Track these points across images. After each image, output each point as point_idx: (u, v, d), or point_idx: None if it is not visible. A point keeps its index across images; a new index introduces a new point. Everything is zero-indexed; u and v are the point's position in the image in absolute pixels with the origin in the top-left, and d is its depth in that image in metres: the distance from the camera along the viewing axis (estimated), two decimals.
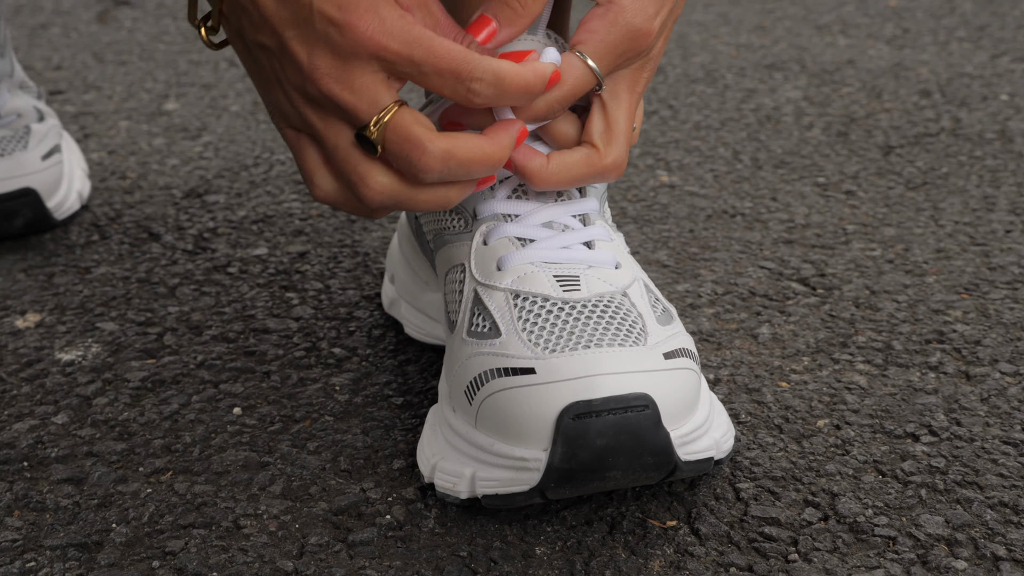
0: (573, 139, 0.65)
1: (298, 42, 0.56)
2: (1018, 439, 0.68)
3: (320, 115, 0.58)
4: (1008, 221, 1.00)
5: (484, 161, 0.59)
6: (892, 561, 0.58)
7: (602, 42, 0.61)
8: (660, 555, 0.59)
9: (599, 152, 0.63)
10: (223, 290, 0.88)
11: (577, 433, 0.56)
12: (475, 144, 0.59)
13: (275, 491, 0.64)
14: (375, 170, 0.58)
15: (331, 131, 0.58)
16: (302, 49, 0.56)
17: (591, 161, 0.63)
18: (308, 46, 0.56)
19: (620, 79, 0.63)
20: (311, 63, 0.56)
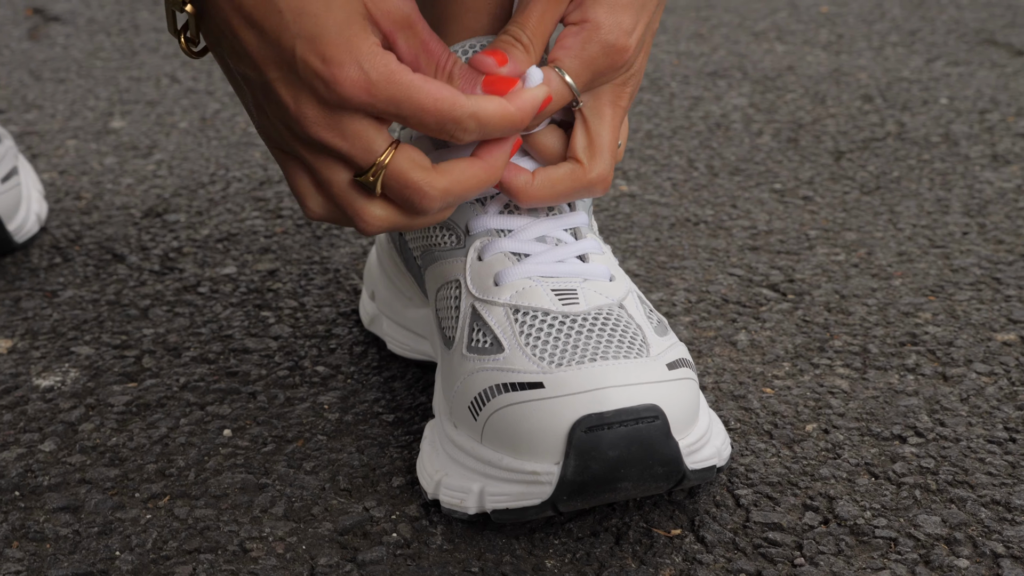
0: (558, 153, 0.65)
1: (283, 85, 0.56)
2: (1001, 438, 0.70)
3: (312, 153, 0.58)
4: (964, 223, 1.02)
5: (481, 186, 0.60)
6: (896, 562, 0.60)
7: (577, 58, 0.62)
8: (669, 564, 0.60)
9: (583, 167, 0.64)
10: (196, 310, 0.87)
11: (590, 446, 0.56)
12: (471, 174, 0.59)
13: (277, 513, 0.64)
14: (373, 206, 0.59)
15: (325, 168, 0.58)
16: (288, 93, 0.56)
17: (576, 176, 0.64)
18: (294, 91, 0.56)
19: (602, 95, 0.64)
20: (298, 110, 0.56)
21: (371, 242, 0.98)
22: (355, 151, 0.58)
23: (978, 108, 1.34)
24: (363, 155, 0.58)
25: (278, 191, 1.11)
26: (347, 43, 0.55)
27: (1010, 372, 0.78)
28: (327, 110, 0.56)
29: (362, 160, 0.58)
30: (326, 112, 0.56)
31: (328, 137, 0.57)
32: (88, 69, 1.56)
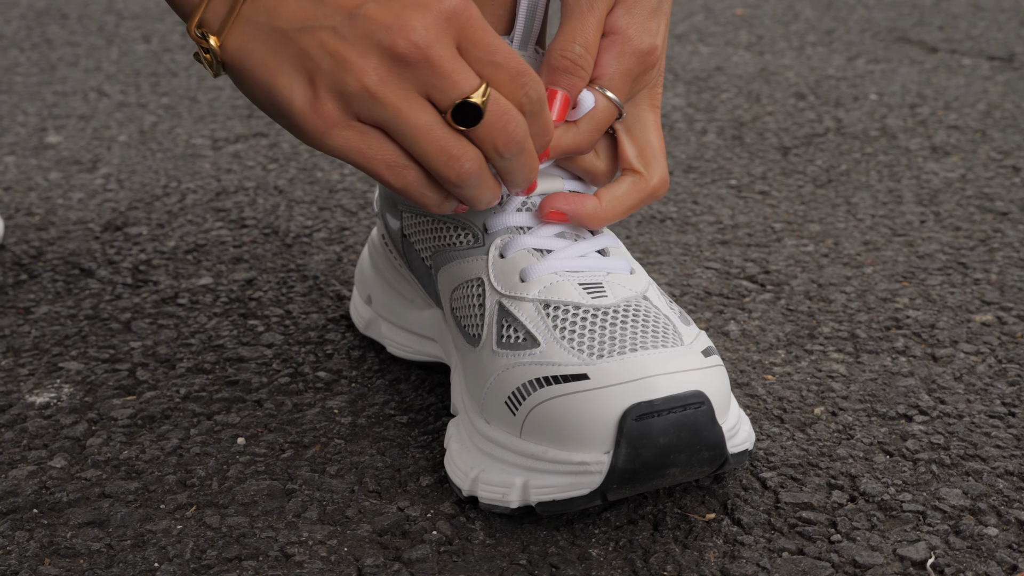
0: (604, 169, 0.66)
1: (381, 7, 0.55)
2: (1001, 412, 0.73)
3: (403, 92, 0.56)
4: (919, 212, 1.05)
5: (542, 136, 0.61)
6: (928, 534, 0.61)
7: (616, 72, 0.63)
8: (712, 547, 0.61)
9: (643, 176, 0.65)
10: (180, 322, 0.86)
11: (640, 433, 0.57)
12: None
13: (312, 517, 0.63)
14: (467, 144, 0.58)
15: (414, 110, 0.56)
16: (387, 14, 0.55)
17: (639, 187, 0.65)
18: (394, 11, 0.55)
19: (640, 101, 0.65)
20: (402, 22, 0.55)
21: (347, 247, 0.98)
22: (458, 71, 0.56)
23: (907, 103, 1.38)
24: (465, 77, 0.57)
25: (237, 201, 1.10)
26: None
27: (995, 351, 0.80)
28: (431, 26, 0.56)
29: (467, 82, 0.57)
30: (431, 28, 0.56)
31: (434, 46, 0.55)
32: (8, 84, 1.52)
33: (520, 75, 0.58)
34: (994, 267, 0.94)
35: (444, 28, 0.56)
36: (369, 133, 0.58)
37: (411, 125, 0.57)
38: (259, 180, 1.15)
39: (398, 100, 0.56)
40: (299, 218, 1.05)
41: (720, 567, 0.59)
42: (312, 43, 0.56)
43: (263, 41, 0.57)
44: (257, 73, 0.57)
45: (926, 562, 0.59)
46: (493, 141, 0.59)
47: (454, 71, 0.56)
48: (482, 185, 0.60)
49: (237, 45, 0.57)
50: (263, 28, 0.57)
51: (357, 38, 0.56)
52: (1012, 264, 0.94)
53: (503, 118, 0.58)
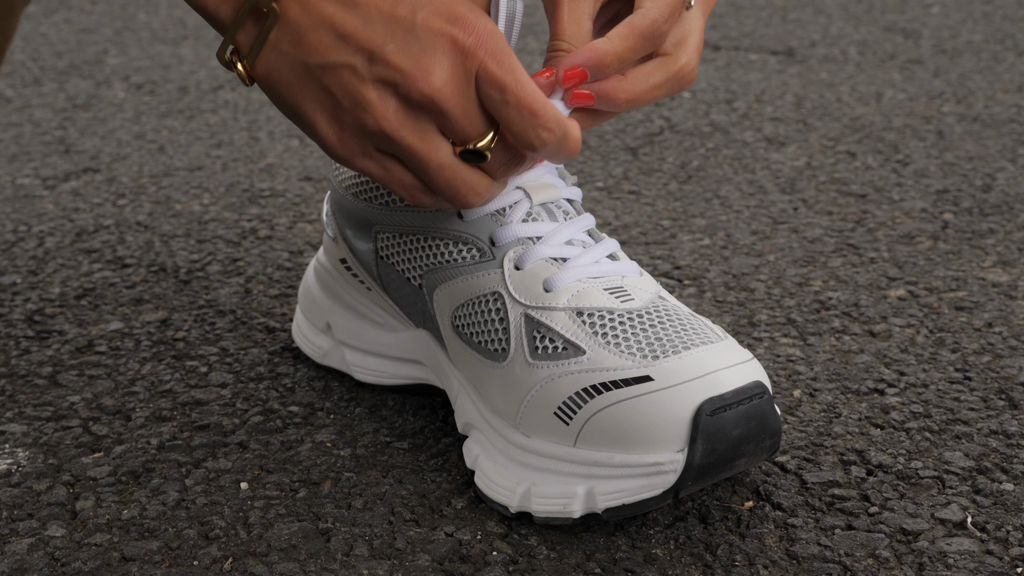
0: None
1: (400, 51, 0.56)
2: (958, 378, 0.78)
3: (419, 131, 0.58)
4: (787, 200, 1.11)
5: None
6: (954, 496, 0.65)
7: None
8: (768, 532, 0.62)
9: (671, 56, 0.63)
10: (111, 370, 0.81)
11: (715, 428, 0.58)
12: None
13: (363, 554, 0.61)
14: (482, 177, 0.60)
15: (430, 147, 0.58)
16: (406, 59, 0.56)
17: (665, 66, 0.62)
18: (412, 56, 0.56)
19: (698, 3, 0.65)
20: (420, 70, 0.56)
21: (249, 278, 0.95)
22: (471, 116, 0.58)
23: (721, 99, 1.44)
24: (478, 123, 0.58)
25: (104, 240, 1.04)
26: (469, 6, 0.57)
27: (923, 322, 0.85)
28: (451, 68, 0.56)
29: (476, 129, 0.58)
30: (449, 69, 0.56)
31: (448, 94, 0.57)
32: None
33: (533, 116, 0.58)
34: (881, 246, 0.99)
35: (462, 70, 0.57)
36: (388, 161, 0.60)
37: (425, 163, 0.59)
38: (116, 217, 1.09)
39: (415, 140, 0.58)
40: (181, 253, 1.01)
41: (784, 551, 0.61)
42: (334, 81, 0.57)
43: (288, 71, 0.58)
44: (284, 98, 0.59)
45: (965, 522, 0.63)
46: (506, 171, 0.62)
47: (463, 119, 0.58)
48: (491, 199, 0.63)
49: (266, 70, 0.58)
50: (288, 58, 0.57)
51: (376, 81, 0.57)
52: (895, 241, 1.00)
53: (508, 161, 0.60)
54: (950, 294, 0.90)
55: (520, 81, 0.57)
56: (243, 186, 1.18)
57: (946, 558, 0.60)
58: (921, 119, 1.36)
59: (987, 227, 1.03)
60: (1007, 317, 0.86)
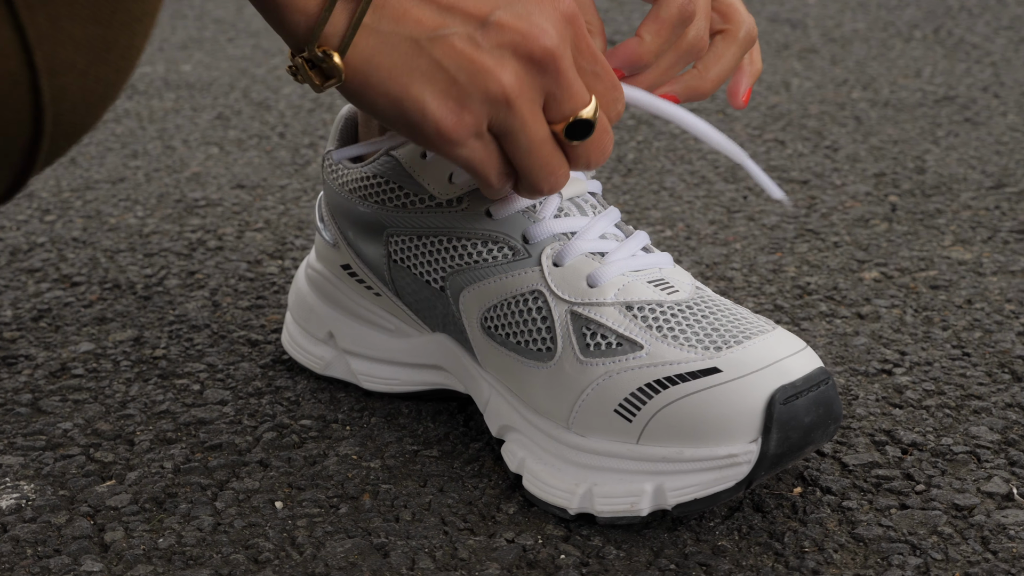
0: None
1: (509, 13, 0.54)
2: (957, 354, 0.79)
3: (532, 102, 0.56)
4: (733, 189, 1.11)
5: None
6: (992, 469, 0.66)
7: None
8: (828, 516, 0.62)
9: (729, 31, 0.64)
10: (96, 393, 0.76)
11: (789, 416, 0.58)
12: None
13: (428, 567, 0.59)
14: (563, 159, 0.59)
15: (537, 123, 0.56)
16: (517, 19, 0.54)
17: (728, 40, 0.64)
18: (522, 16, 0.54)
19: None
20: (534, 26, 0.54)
21: (213, 291, 0.91)
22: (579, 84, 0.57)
23: None
24: (583, 90, 0.57)
25: (44, 259, 0.99)
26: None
27: (906, 302, 0.87)
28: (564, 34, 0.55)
29: (582, 97, 0.57)
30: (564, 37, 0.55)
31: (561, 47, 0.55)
32: None
33: (615, 88, 0.59)
34: (840, 229, 1.01)
35: (565, 32, 0.56)
36: (491, 143, 0.57)
37: (531, 138, 0.57)
38: (48, 234, 1.04)
39: (527, 111, 0.56)
40: (131, 268, 0.96)
41: (848, 534, 0.61)
42: (447, 52, 0.54)
43: (391, 52, 0.54)
44: (385, 86, 0.54)
45: (1012, 494, 0.64)
46: (588, 157, 0.59)
47: (574, 83, 0.57)
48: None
49: (363, 58, 0.53)
50: (390, 38, 0.53)
51: (493, 46, 0.54)
52: (852, 225, 1.02)
53: (604, 136, 0.59)
54: (921, 274, 0.92)
55: (603, 55, 0.57)
56: (174, 197, 1.14)
57: (1007, 530, 0.61)
58: (835, 106, 1.39)
59: (934, 207, 1.06)
60: (983, 294, 0.88)
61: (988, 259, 0.94)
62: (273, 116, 1.43)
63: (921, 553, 0.59)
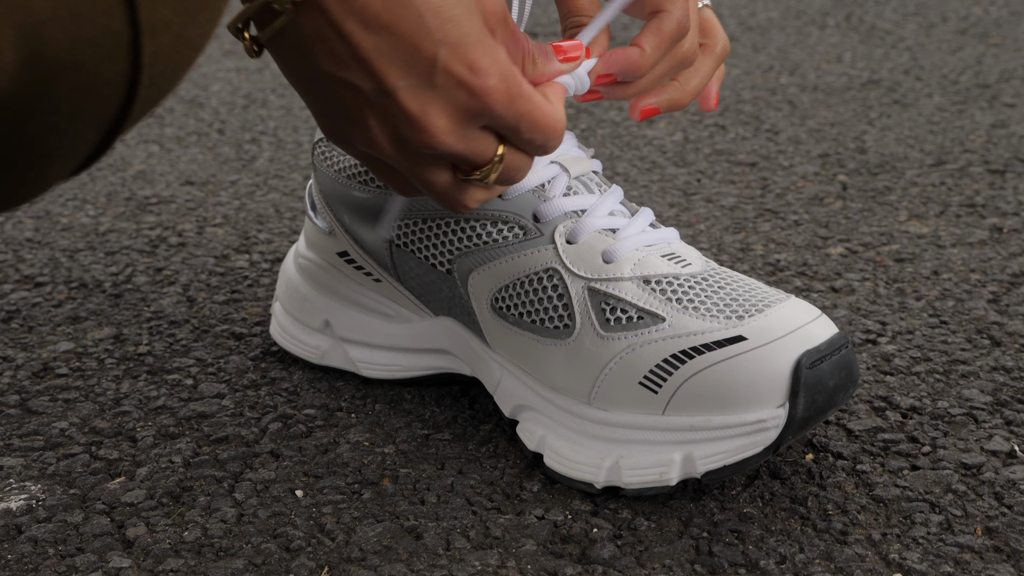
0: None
1: (411, 93, 0.51)
2: (935, 323, 0.81)
3: (415, 161, 0.54)
4: (685, 173, 1.13)
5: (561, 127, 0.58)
6: (991, 428, 0.68)
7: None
8: (846, 480, 0.64)
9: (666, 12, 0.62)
10: (87, 392, 0.75)
11: (816, 380, 0.59)
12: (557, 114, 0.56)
13: (464, 547, 0.59)
14: (476, 191, 0.57)
15: (427, 173, 0.55)
16: (416, 102, 0.51)
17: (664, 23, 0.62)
18: (423, 100, 0.51)
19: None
20: (426, 120, 0.52)
21: (184, 286, 0.90)
22: (475, 155, 0.54)
23: None
24: (481, 156, 0.55)
25: (1, 260, 0.96)
26: (491, 53, 0.52)
27: (876, 275, 0.89)
28: (459, 119, 0.52)
29: (480, 162, 0.55)
30: (456, 121, 0.52)
31: (452, 144, 0.53)
32: None
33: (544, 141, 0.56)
34: (797, 207, 1.03)
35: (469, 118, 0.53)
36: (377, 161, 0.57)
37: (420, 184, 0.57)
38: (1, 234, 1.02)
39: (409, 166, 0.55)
40: (95, 267, 0.94)
41: (869, 495, 0.62)
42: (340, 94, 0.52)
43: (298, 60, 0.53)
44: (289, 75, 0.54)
45: (1014, 451, 0.66)
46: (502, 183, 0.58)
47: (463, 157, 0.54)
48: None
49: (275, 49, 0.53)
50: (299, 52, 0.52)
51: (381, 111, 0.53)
52: (808, 204, 1.04)
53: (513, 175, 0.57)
54: (885, 248, 0.94)
55: (531, 114, 0.54)
56: (124, 195, 1.11)
57: (1017, 485, 0.63)
58: (767, 91, 1.42)
59: (883, 185, 1.09)
60: (947, 265, 0.91)
61: (945, 232, 0.97)
62: (207, 113, 1.41)
63: (941, 510, 0.61)
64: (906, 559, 0.57)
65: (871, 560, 0.57)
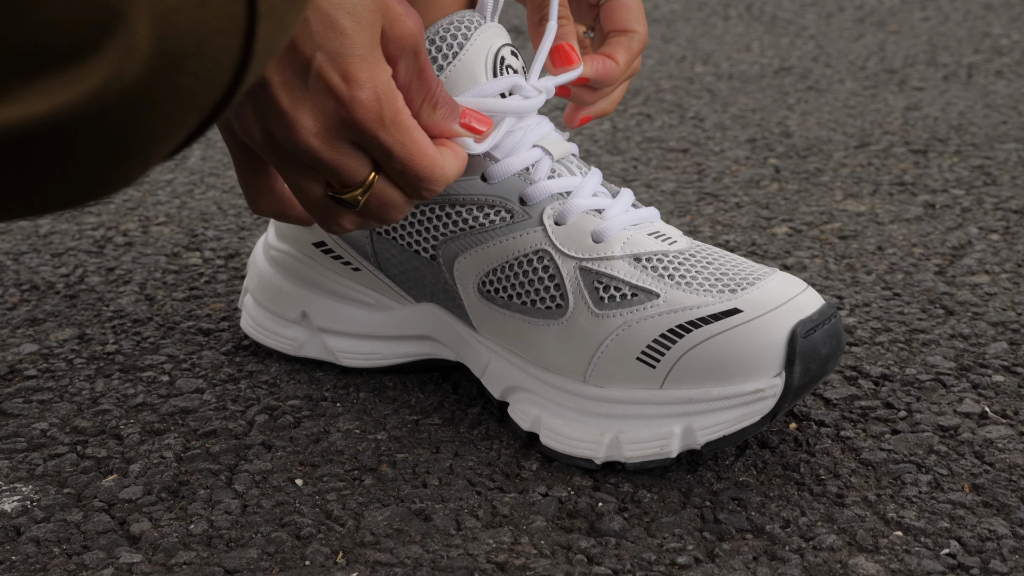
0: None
1: (284, 90, 0.52)
2: (888, 295, 0.84)
3: (287, 163, 0.55)
4: (620, 160, 1.15)
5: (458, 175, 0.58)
6: (962, 391, 0.71)
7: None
8: (830, 446, 0.66)
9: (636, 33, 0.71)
10: (61, 393, 0.74)
11: (810, 348, 0.61)
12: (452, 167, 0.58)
13: (475, 526, 0.60)
14: (346, 215, 0.57)
15: (300, 180, 0.55)
16: (287, 98, 0.52)
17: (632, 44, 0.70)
18: (294, 98, 0.52)
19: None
20: (295, 116, 0.52)
21: (140, 284, 0.89)
22: (343, 170, 0.54)
23: None
24: (351, 176, 0.55)
25: None
26: (370, 69, 0.52)
27: (824, 251, 0.92)
28: (326, 125, 0.53)
29: (349, 180, 0.55)
30: (324, 127, 0.53)
31: (318, 148, 0.53)
32: None
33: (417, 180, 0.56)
34: (736, 190, 1.06)
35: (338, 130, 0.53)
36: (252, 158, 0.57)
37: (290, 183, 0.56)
38: None
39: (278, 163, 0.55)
40: (42, 268, 0.93)
41: (856, 459, 0.65)
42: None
43: None
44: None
45: (986, 412, 0.69)
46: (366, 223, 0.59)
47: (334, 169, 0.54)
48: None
49: None
50: None
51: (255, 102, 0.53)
52: (746, 187, 1.07)
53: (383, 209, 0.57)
54: (827, 226, 0.97)
55: (405, 145, 0.54)
56: None
57: (995, 444, 0.66)
58: (684, 80, 1.45)
59: (814, 167, 1.12)
60: (890, 240, 0.94)
61: (882, 209, 1.00)
62: None
63: (927, 470, 0.63)
64: (904, 517, 0.59)
65: (871, 520, 0.59)
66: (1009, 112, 1.29)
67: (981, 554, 0.57)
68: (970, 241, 0.93)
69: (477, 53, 0.66)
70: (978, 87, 1.40)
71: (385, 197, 0.56)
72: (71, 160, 0.35)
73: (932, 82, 1.43)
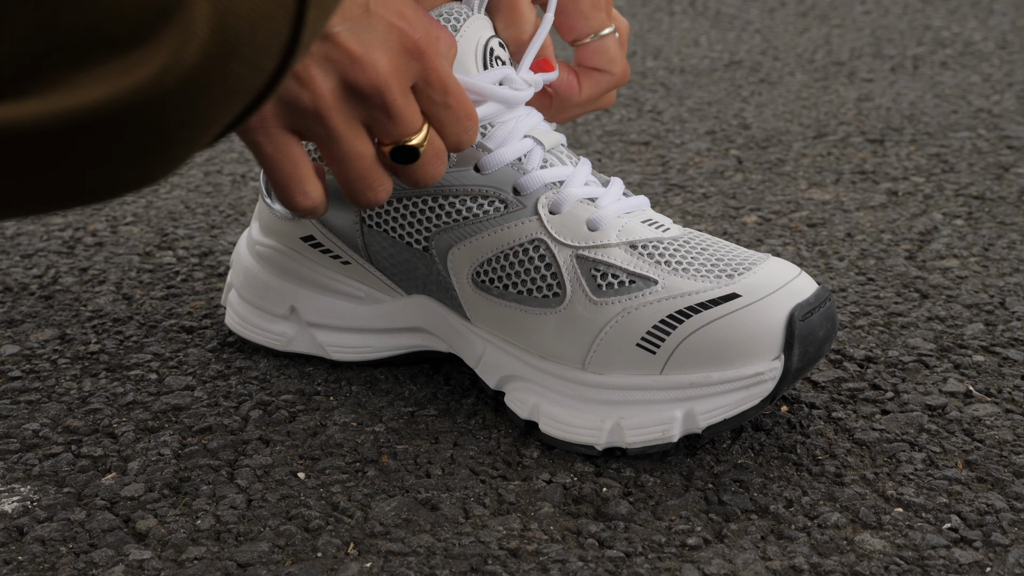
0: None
1: (352, 37, 0.54)
2: (862, 280, 0.86)
3: (349, 119, 0.56)
4: (583, 154, 1.16)
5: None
6: (945, 372, 0.73)
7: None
8: (823, 428, 0.68)
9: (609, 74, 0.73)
10: (48, 393, 0.73)
11: (808, 331, 0.62)
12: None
13: (484, 514, 0.61)
14: (386, 177, 0.60)
15: (358, 139, 0.57)
16: (356, 44, 0.54)
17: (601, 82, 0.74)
18: (363, 42, 0.54)
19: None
20: (371, 58, 0.54)
21: (116, 283, 0.88)
22: (409, 114, 0.57)
23: None
24: (412, 121, 0.58)
25: None
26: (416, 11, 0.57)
27: (795, 239, 0.94)
28: (396, 63, 0.55)
29: (410, 127, 0.58)
30: (395, 65, 0.55)
31: (395, 89, 0.56)
32: None
33: (467, 118, 0.60)
34: (702, 182, 1.07)
35: (406, 66, 0.56)
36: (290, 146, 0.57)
37: (345, 150, 0.58)
38: None
39: (341, 124, 0.57)
40: (13, 270, 0.92)
41: (850, 439, 0.66)
42: None
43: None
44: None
45: (971, 392, 0.71)
46: (416, 178, 0.61)
47: (403, 113, 0.57)
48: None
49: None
50: None
51: (322, 58, 0.54)
52: (711, 178, 1.08)
53: (433, 161, 0.60)
54: (795, 215, 0.99)
55: (458, 86, 0.59)
56: None
57: (982, 421, 0.67)
58: (638, 75, 1.46)
59: (775, 157, 1.13)
60: (858, 226, 0.96)
61: (847, 197, 1.02)
62: None
63: (920, 448, 0.65)
64: (903, 494, 0.61)
65: (871, 497, 0.61)
66: (958, 102, 1.32)
67: (982, 527, 0.58)
68: (936, 227, 0.95)
69: (467, 45, 0.66)
70: (925, 78, 1.43)
71: (437, 146, 0.60)
72: (119, 147, 0.35)
73: (880, 73, 1.45)
